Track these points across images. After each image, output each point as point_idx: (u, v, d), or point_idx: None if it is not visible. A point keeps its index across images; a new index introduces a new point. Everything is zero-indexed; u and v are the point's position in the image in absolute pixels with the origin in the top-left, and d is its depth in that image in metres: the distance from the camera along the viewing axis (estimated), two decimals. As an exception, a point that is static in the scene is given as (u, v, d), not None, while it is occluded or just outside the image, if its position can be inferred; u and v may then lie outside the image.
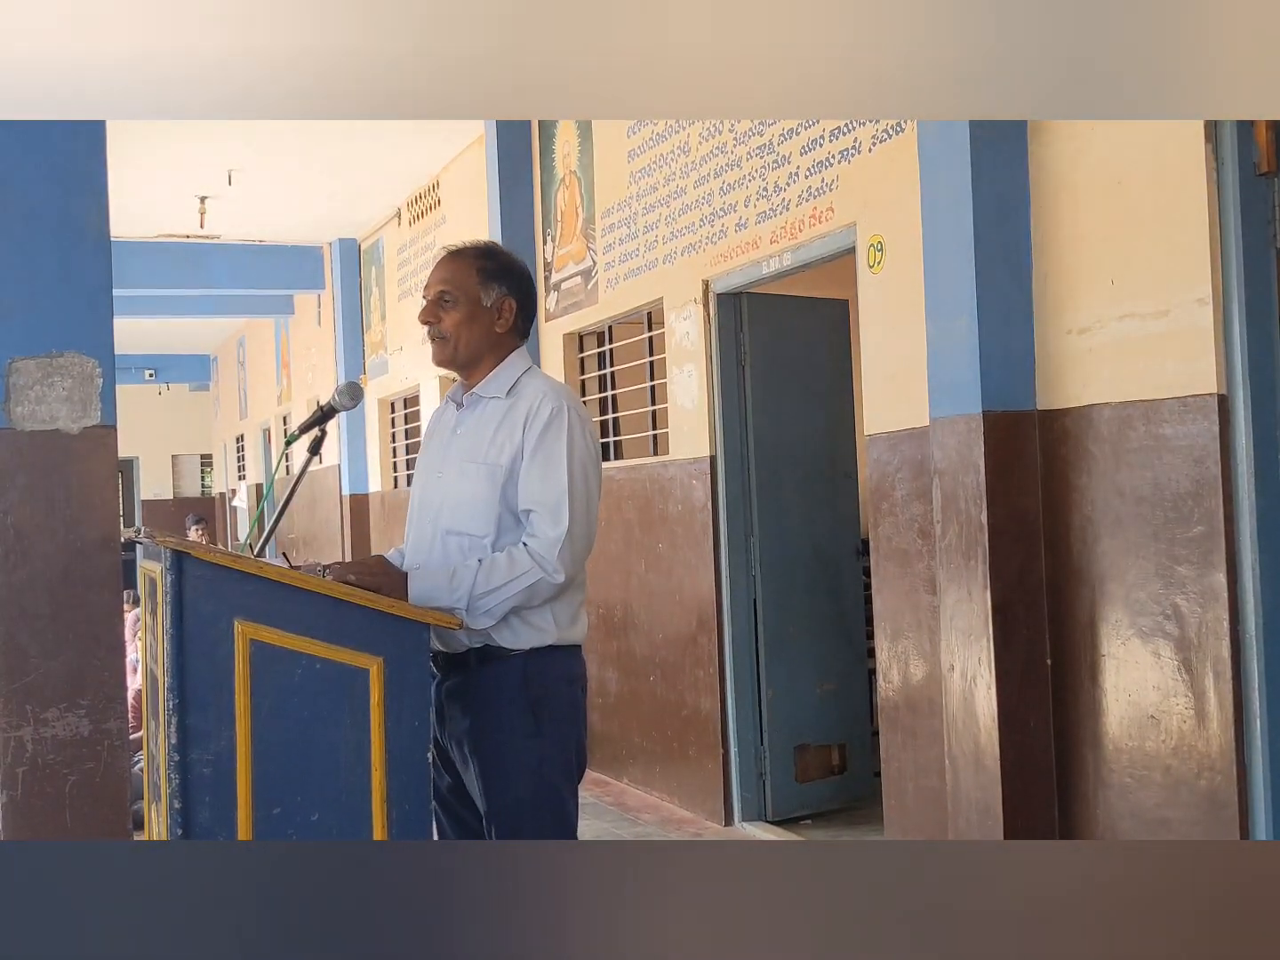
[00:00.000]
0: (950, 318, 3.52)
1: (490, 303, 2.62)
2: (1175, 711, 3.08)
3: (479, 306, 2.61)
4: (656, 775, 5.70)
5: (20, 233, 2.48)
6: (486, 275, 2.62)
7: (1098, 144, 3.27)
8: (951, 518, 3.52)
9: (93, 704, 2.48)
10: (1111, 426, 3.23)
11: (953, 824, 3.56)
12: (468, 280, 2.62)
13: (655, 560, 5.60)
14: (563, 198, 6.42)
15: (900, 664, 4.06)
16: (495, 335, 2.63)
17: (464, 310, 2.61)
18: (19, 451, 2.47)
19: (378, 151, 7.66)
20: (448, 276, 2.63)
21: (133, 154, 7.26)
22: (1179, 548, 3.06)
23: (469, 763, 2.53)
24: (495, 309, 2.63)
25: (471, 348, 2.62)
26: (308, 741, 2.27)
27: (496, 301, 2.62)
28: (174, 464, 19.56)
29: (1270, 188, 2.97)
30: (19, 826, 2.42)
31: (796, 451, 5.17)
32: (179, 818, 2.20)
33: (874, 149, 4.10)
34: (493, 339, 2.63)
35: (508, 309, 2.63)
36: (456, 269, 2.64)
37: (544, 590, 2.47)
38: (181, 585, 2.22)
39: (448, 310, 2.61)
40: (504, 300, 2.63)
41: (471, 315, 2.61)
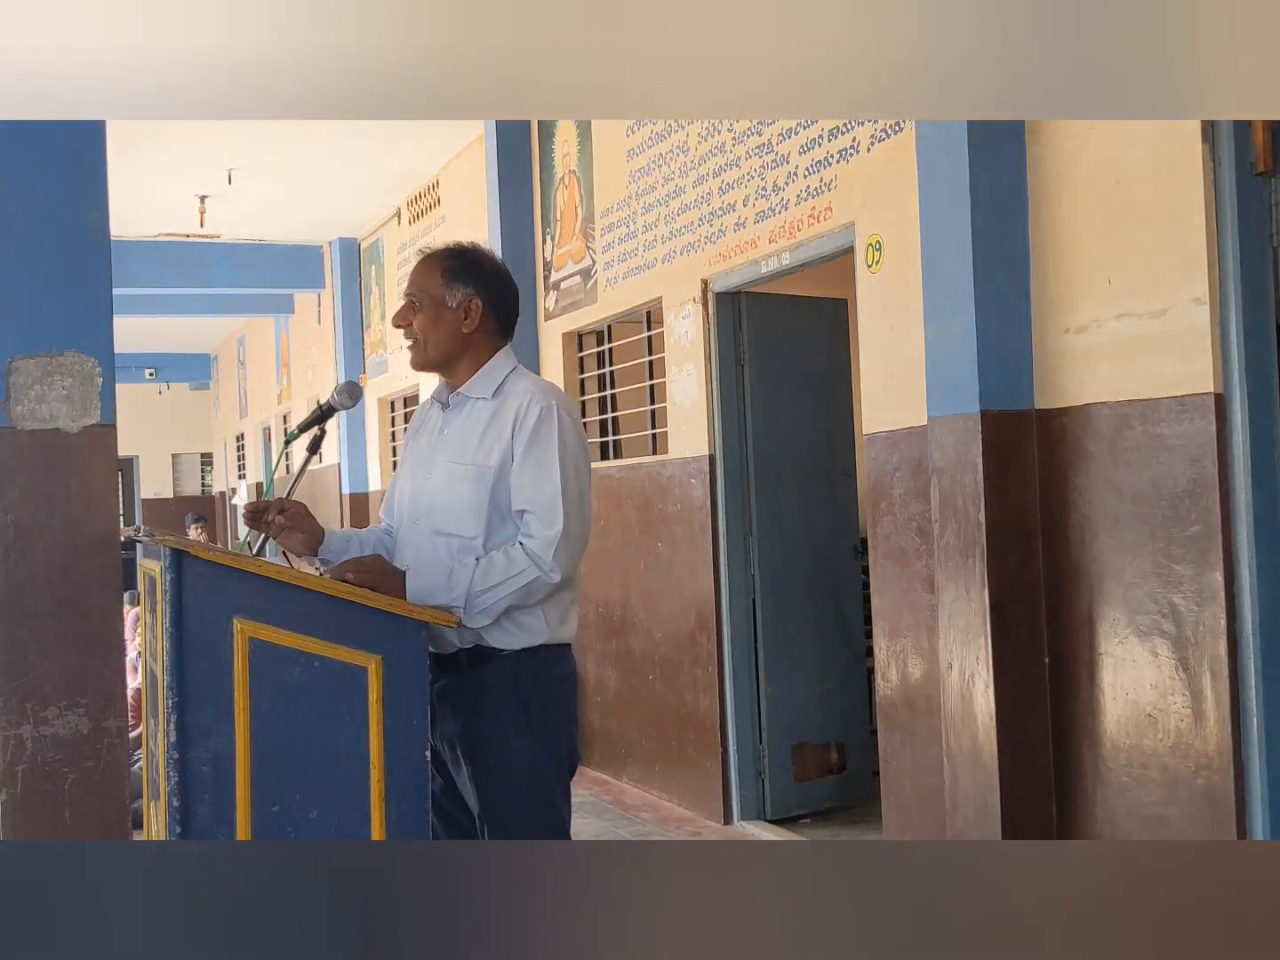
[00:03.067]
0: (948, 317, 3.52)
1: (455, 303, 2.62)
2: (1173, 710, 3.09)
3: (443, 307, 2.62)
4: (655, 774, 5.71)
5: (20, 232, 2.48)
6: (451, 276, 2.62)
7: (1095, 144, 3.27)
8: (950, 517, 3.52)
9: (92, 702, 2.48)
10: (1109, 425, 3.23)
11: (951, 823, 3.57)
12: (432, 282, 2.63)
13: (654, 559, 5.61)
14: (562, 197, 6.42)
15: (899, 663, 4.07)
16: (464, 335, 2.62)
17: (429, 312, 2.62)
18: (19, 450, 2.47)
19: (378, 151, 7.67)
20: (415, 279, 2.66)
21: (133, 154, 7.25)
22: (1176, 546, 3.06)
23: (461, 764, 2.53)
24: (461, 309, 2.62)
25: (440, 348, 2.62)
26: (306, 740, 2.27)
27: (462, 301, 2.62)
28: (174, 463, 19.57)
29: (1267, 187, 2.98)
30: (18, 825, 2.42)
31: (795, 450, 5.17)
32: (178, 815, 2.21)
33: (872, 149, 4.10)
34: (461, 339, 2.63)
35: (474, 308, 2.62)
36: (423, 272, 2.66)
37: (540, 589, 2.48)
38: (181, 583, 2.22)
39: (416, 313, 2.63)
40: (470, 300, 2.62)
41: (436, 316, 2.61)
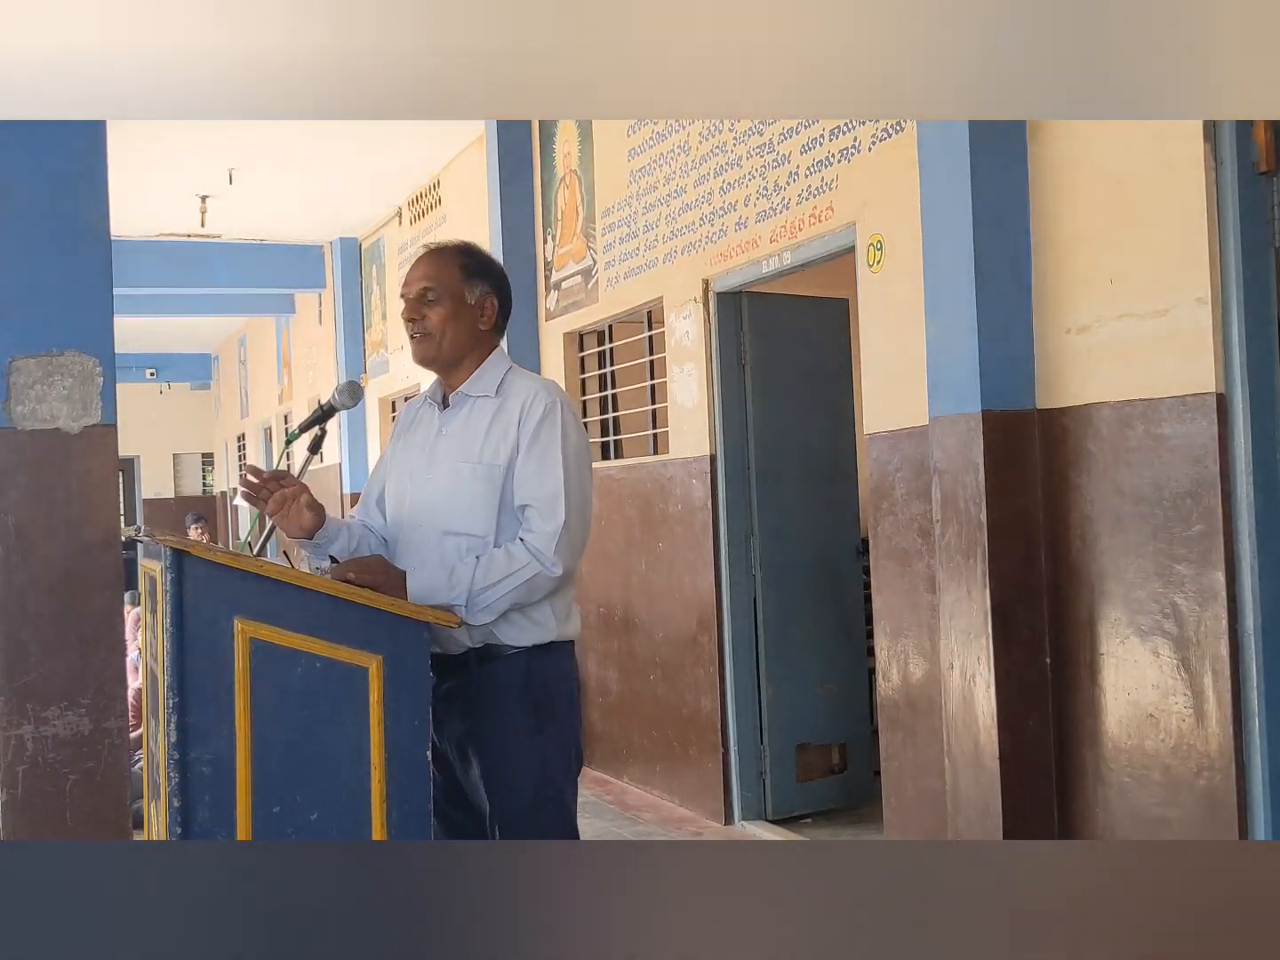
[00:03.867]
0: (950, 317, 3.52)
1: (474, 300, 2.62)
2: (1174, 710, 3.08)
3: (463, 303, 2.61)
4: (657, 774, 5.71)
5: (20, 232, 2.49)
6: (469, 272, 2.62)
7: (1097, 144, 3.27)
8: (951, 517, 3.52)
9: (93, 703, 2.48)
10: (1110, 426, 3.23)
11: (952, 823, 3.57)
12: (451, 277, 2.61)
13: (655, 559, 5.61)
14: (563, 197, 6.42)
15: (900, 663, 4.07)
16: (478, 333, 2.63)
17: (448, 306, 2.60)
18: (19, 451, 2.47)
19: (378, 151, 7.67)
20: (430, 273, 2.63)
21: (133, 154, 7.26)
22: (1178, 547, 3.06)
23: (470, 763, 2.53)
24: (479, 306, 2.62)
25: (456, 345, 2.61)
26: (307, 740, 2.27)
27: (480, 299, 2.62)
28: (175, 463, 19.57)
29: (1269, 187, 2.97)
30: (19, 825, 2.42)
31: (796, 450, 5.17)
32: (178, 816, 2.20)
33: (873, 148, 4.10)
34: (476, 336, 2.63)
35: (490, 306, 2.63)
36: (439, 266, 2.63)
37: (542, 584, 2.47)
38: (181, 584, 2.22)
39: (432, 307, 2.60)
40: (487, 298, 2.63)
41: (456, 312, 2.60)
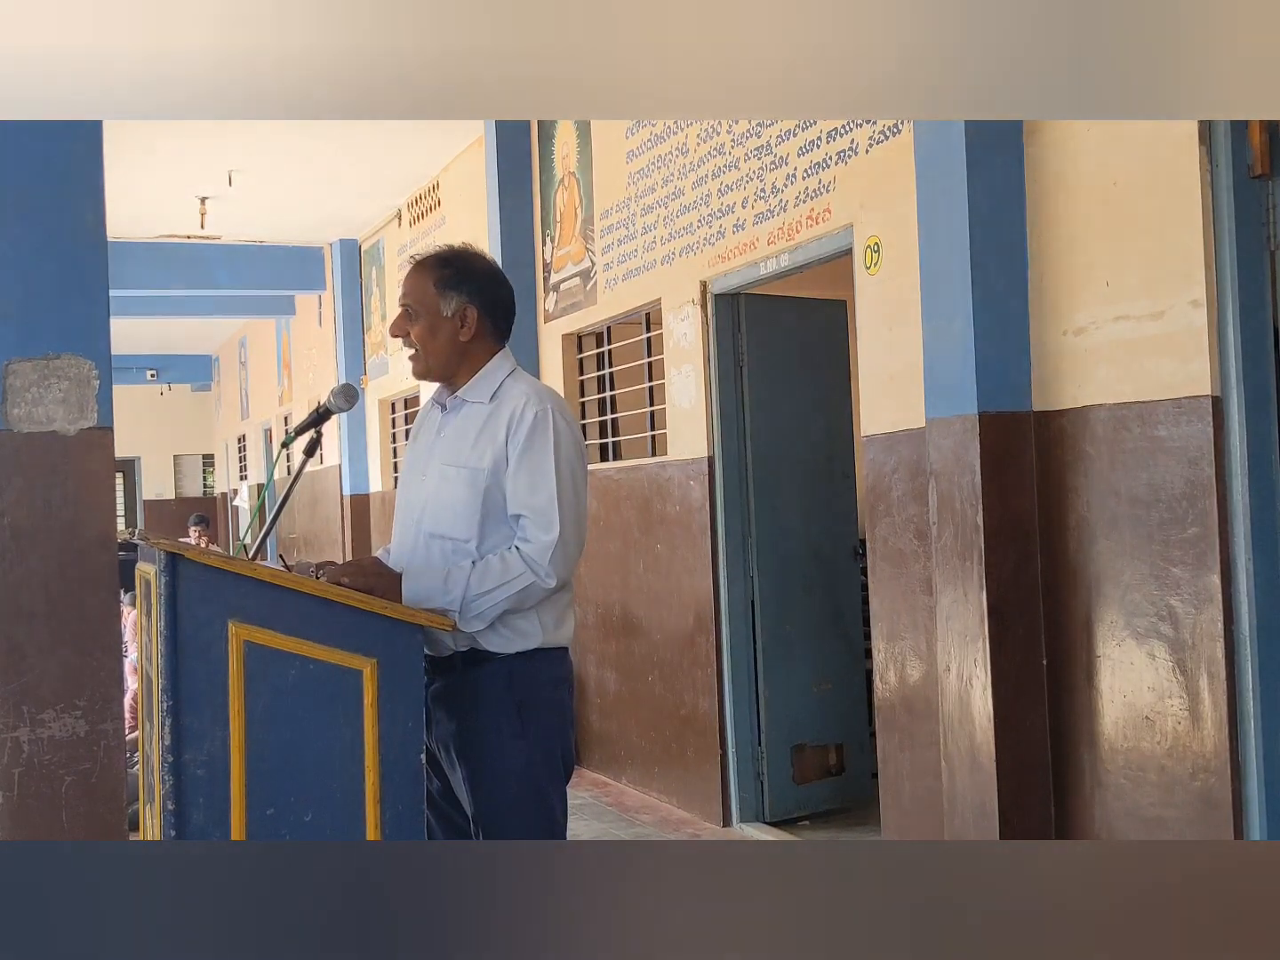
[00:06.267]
0: (946, 319, 3.52)
1: (450, 312, 2.59)
2: (1170, 712, 3.09)
3: (439, 317, 2.59)
4: (654, 776, 5.71)
5: (18, 233, 2.48)
6: (444, 285, 2.59)
7: (1093, 145, 3.27)
8: (947, 519, 3.52)
9: (89, 705, 2.47)
10: (1107, 428, 3.23)
11: (949, 824, 3.57)
12: (425, 292, 2.60)
13: (653, 561, 5.61)
14: (562, 198, 6.42)
15: (897, 665, 4.07)
16: (461, 344, 2.60)
17: (425, 322, 2.59)
18: (15, 453, 2.46)
19: (378, 151, 7.66)
20: (408, 289, 2.62)
21: (133, 155, 7.26)
22: (1174, 549, 3.06)
23: (456, 765, 2.53)
24: (457, 318, 2.59)
25: (441, 359, 2.61)
26: (301, 742, 2.27)
27: (457, 310, 2.59)
28: (176, 464, 19.59)
29: (1264, 190, 2.98)
30: (15, 827, 2.42)
31: (794, 452, 5.17)
32: (173, 818, 2.20)
33: (871, 150, 4.10)
34: (459, 348, 2.60)
35: (470, 316, 2.59)
36: (416, 281, 2.62)
37: (536, 594, 2.48)
38: (176, 587, 2.22)
39: (413, 324, 2.60)
40: (464, 308, 2.59)
41: (433, 327, 2.59)
